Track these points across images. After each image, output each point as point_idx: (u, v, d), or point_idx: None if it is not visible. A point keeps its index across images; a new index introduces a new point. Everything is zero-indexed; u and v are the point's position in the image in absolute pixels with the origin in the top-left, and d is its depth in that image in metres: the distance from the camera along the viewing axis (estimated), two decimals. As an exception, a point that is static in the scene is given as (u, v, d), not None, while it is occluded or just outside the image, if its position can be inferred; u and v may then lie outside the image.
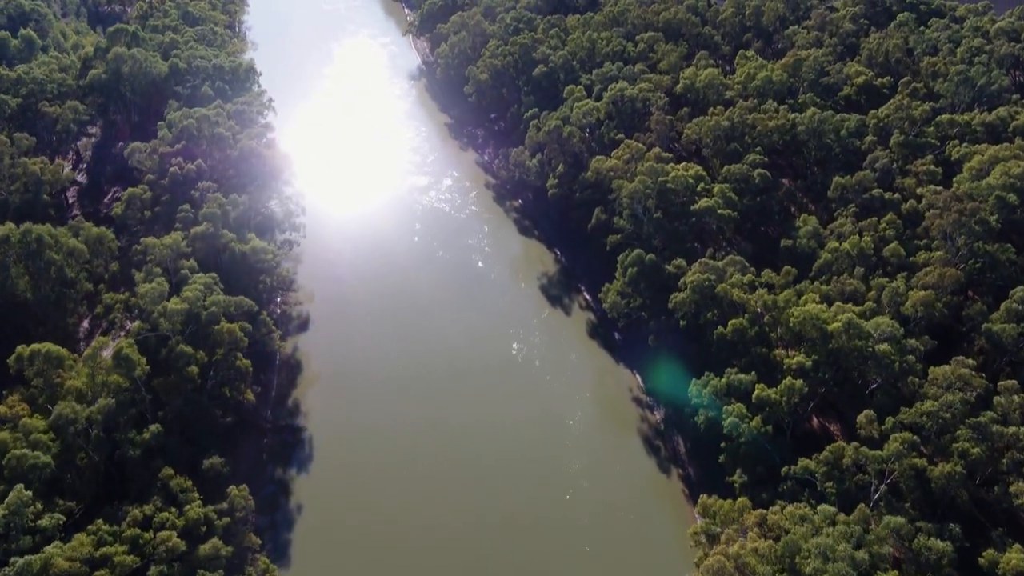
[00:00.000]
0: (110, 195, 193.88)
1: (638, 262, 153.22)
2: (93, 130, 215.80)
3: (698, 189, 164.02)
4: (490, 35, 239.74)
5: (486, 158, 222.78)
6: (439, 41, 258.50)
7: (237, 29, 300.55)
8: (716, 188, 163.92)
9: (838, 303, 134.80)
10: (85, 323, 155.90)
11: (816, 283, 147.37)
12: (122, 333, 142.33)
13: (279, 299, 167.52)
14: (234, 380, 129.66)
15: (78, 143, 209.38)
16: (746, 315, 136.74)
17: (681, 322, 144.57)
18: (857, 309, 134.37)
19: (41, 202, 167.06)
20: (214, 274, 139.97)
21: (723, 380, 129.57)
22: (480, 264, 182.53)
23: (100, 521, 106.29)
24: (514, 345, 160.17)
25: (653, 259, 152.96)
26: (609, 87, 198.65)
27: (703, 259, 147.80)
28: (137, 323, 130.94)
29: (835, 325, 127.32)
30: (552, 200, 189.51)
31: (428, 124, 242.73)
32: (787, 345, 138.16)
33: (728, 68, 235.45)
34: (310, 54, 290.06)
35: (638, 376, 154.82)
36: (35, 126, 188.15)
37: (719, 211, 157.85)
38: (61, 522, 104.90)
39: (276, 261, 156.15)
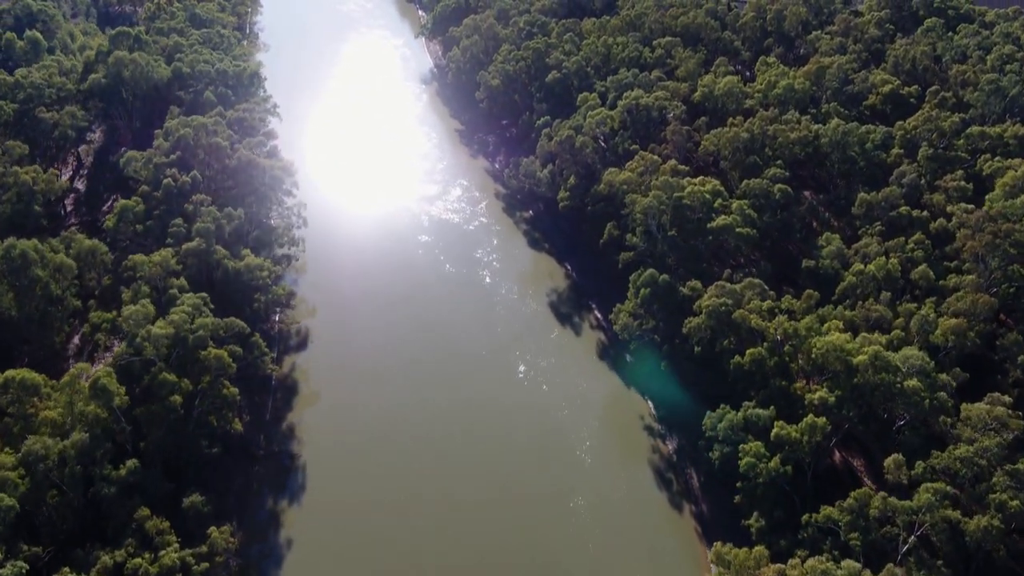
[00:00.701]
0: (109, 203, 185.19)
1: (651, 283, 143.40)
2: (96, 135, 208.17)
3: (715, 205, 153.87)
4: (503, 39, 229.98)
5: (497, 166, 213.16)
6: (451, 44, 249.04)
7: (248, 30, 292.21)
8: (734, 204, 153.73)
9: (864, 334, 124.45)
10: (76, 339, 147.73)
11: (840, 308, 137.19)
12: (108, 355, 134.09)
13: (277, 316, 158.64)
14: (221, 409, 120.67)
15: (79, 148, 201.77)
16: (765, 344, 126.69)
17: (695, 348, 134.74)
18: (883, 339, 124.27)
19: (33, 213, 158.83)
20: (204, 294, 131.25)
21: (740, 415, 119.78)
22: (488, 280, 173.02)
23: (67, 569, 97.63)
24: (521, 368, 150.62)
25: (667, 280, 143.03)
26: (624, 95, 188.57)
27: (720, 282, 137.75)
28: (120, 347, 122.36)
29: (860, 358, 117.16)
30: (563, 212, 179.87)
31: (438, 129, 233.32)
32: (808, 376, 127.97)
33: (748, 74, 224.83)
34: (322, 55, 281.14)
35: (650, 402, 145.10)
36: (32, 133, 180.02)
37: (737, 229, 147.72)
38: (25, 571, 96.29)
39: (272, 278, 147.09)
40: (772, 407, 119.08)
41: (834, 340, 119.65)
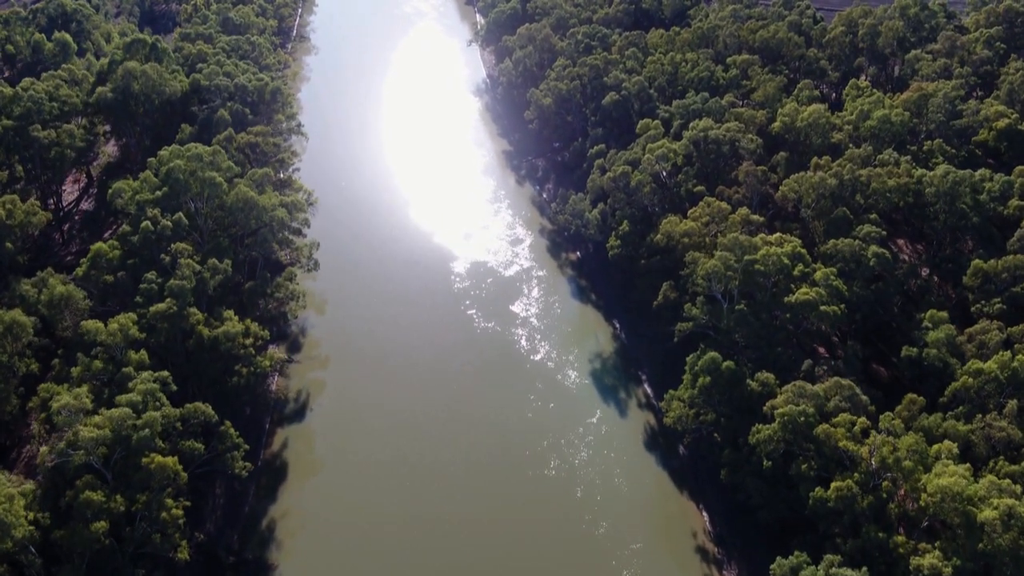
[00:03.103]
0: (113, 230, 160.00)
1: (712, 369, 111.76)
2: (112, 149, 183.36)
3: (795, 272, 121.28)
4: (559, 52, 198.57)
5: (545, 196, 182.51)
6: (504, 55, 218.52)
7: (295, 33, 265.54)
8: (818, 273, 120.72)
9: (990, 477, 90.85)
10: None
11: (951, 419, 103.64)
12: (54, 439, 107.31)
13: (272, 382, 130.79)
14: (165, 531, 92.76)
15: (93, 164, 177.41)
16: (856, 475, 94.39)
17: (765, 462, 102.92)
18: (1014, 485, 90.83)
19: (6, 251, 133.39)
20: (165, 373, 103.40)
21: (820, 572, 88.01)
22: (523, 342, 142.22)
23: None
24: (552, 463, 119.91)
25: (732, 368, 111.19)
26: (691, 124, 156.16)
27: (799, 382, 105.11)
28: (46, 448, 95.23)
29: (987, 513, 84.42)
30: (614, 260, 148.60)
31: (486, 149, 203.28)
32: (913, 522, 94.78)
33: (835, 96, 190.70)
34: (372, 60, 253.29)
35: (705, 515, 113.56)
36: (28, 153, 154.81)
37: (822, 307, 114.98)
38: None
39: (259, 344, 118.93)
40: (865, 568, 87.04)
41: (950, 484, 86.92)
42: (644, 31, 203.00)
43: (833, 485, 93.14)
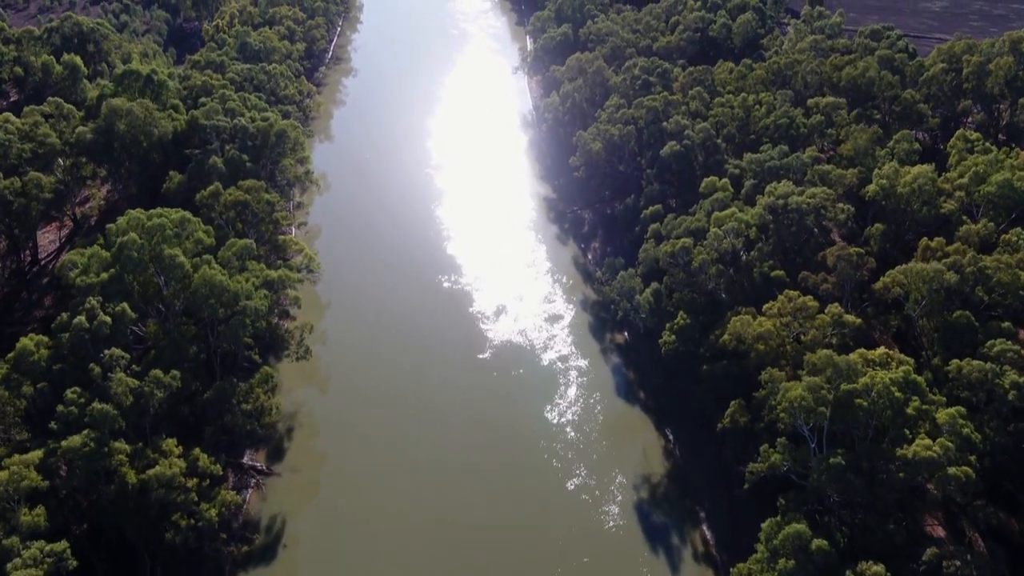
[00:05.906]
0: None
1: (797, 549, 78.94)
2: (102, 192, 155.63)
3: (909, 411, 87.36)
4: (613, 88, 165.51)
5: (590, 257, 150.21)
6: (552, 86, 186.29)
7: (330, 55, 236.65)
8: (941, 413, 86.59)
9: None
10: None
11: None
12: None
13: (240, 510, 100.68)
14: None
15: (82, 207, 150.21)
16: None
17: None
18: None
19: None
20: (62, 545, 73.86)
21: None
22: (555, 463, 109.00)
23: None
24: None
25: (824, 550, 78.27)
26: (767, 189, 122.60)
27: (926, 597, 71.75)
28: None
29: None
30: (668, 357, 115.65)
31: (526, 196, 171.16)
32: None
33: (932, 143, 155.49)
34: (412, 85, 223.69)
35: None
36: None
37: (950, 470, 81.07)
38: None
39: (205, 486, 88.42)
40: None
41: None
42: (710, 63, 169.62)
43: None
